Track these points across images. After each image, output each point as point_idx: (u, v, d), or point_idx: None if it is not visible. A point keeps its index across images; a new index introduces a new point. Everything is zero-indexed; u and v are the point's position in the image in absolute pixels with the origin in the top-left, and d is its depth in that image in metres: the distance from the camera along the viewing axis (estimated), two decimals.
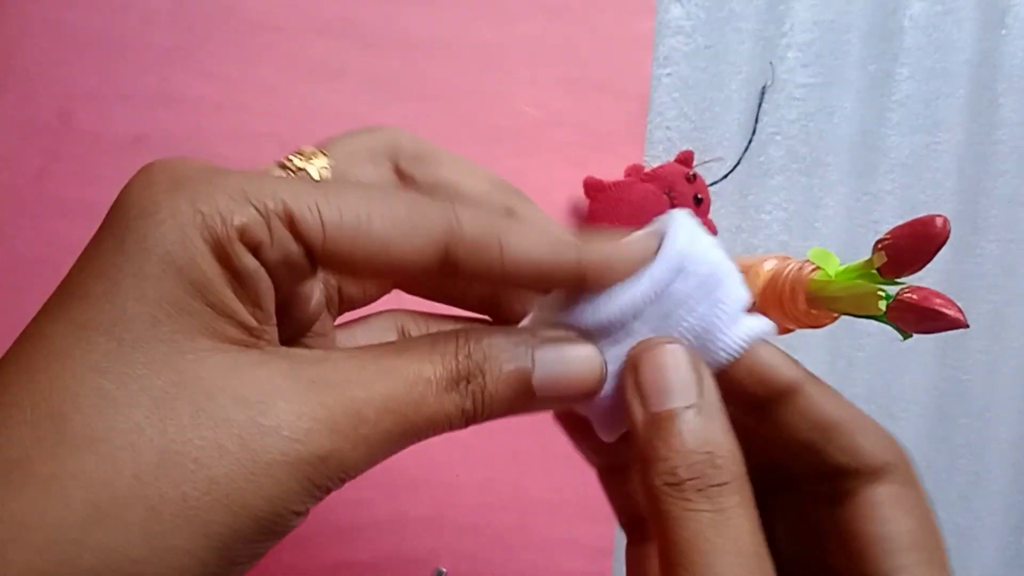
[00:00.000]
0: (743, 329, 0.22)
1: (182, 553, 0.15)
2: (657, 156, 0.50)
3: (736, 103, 0.52)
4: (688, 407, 0.19)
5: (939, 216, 0.34)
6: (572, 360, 0.20)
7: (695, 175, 0.49)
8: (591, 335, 0.21)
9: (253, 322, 0.18)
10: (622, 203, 0.46)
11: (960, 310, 0.34)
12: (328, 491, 0.17)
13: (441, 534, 0.45)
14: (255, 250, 0.17)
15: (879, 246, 0.36)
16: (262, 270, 0.18)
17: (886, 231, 0.36)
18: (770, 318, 0.45)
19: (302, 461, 0.16)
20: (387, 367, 0.18)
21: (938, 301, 0.34)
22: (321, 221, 0.18)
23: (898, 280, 0.36)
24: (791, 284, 0.41)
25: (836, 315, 0.40)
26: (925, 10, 0.58)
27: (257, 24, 0.42)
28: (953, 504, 0.61)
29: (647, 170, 0.48)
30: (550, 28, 0.47)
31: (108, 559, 0.15)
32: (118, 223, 0.17)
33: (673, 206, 0.48)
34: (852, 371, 0.57)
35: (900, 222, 0.35)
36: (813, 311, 0.40)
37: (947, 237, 0.33)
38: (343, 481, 0.18)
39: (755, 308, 0.43)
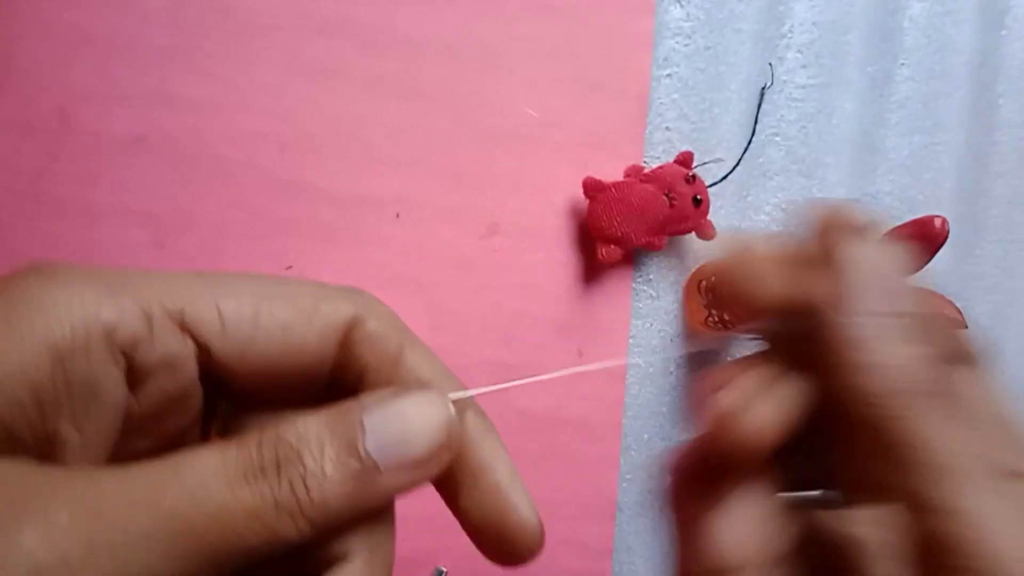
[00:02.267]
0: None
1: None
2: (656, 157, 0.50)
3: (736, 104, 0.52)
4: None
5: (938, 217, 0.34)
6: (412, 414, 0.16)
7: (694, 176, 0.49)
8: None
9: (63, 438, 0.15)
10: (621, 204, 0.46)
11: (959, 311, 0.34)
12: None
13: (441, 534, 0.45)
14: (128, 351, 0.15)
15: None
16: (117, 383, 0.15)
17: (885, 232, 0.36)
18: None
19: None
20: (156, 466, 0.15)
21: (936, 302, 0.34)
22: (219, 311, 0.16)
23: None
24: None
25: None
26: (925, 11, 0.58)
27: (256, 24, 0.42)
28: None
29: (647, 171, 0.48)
30: (549, 28, 0.47)
31: None
32: None
33: (672, 207, 0.48)
34: None
35: (899, 223, 0.35)
36: None
37: (946, 238, 0.33)
38: None
39: None
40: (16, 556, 0.13)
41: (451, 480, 0.19)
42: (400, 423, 0.16)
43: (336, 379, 0.18)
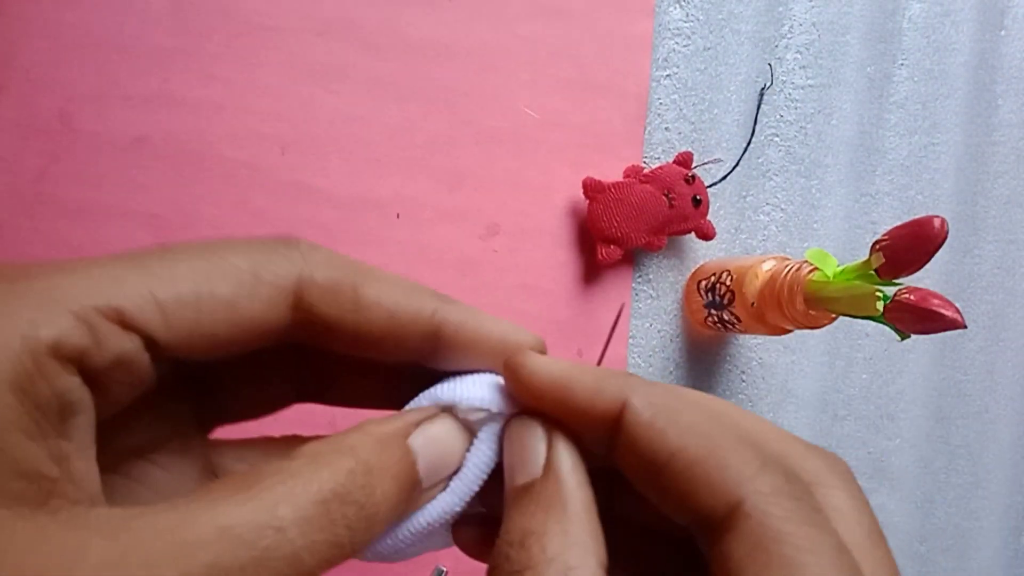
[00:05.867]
0: None
1: None
2: (656, 157, 0.50)
3: (735, 105, 0.52)
4: (528, 482, 0.17)
5: (937, 217, 0.34)
6: (445, 438, 0.18)
7: (694, 176, 0.49)
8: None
9: (52, 471, 0.15)
10: (621, 204, 0.47)
11: (958, 311, 0.34)
12: None
13: None
14: (79, 362, 0.15)
15: (877, 247, 0.36)
16: (81, 390, 0.15)
17: (884, 232, 0.36)
18: (768, 318, 0.45)
19: None
20: (219, 522, 0.14)
21: (936, 302, 0.34)
22: (156, 301, 0.16)
23: (896, 281, 0.36)
24: (789, 285, 0.41)
25: (834, 316, 0.40)
26: (924, 12, 0.58)
27: (257, 25, 0.42)
28: (952, 504, 0.61)
29: (646, 171, 0.48)
30: (550, 30, 0.47)
31: None
32: None
33: (672, 207, 0.48)
34: (850, 372, 0.57)
35: (898, 223, 0.35)
36: (811, 312, 0.41)
37: (945, 238, 0.33)
38: None
39: (753, 309, 0.43)
40: None
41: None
42: (438, 445, 0.18)
43: (300, 333, 0.18)
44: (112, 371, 0.15)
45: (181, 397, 0.20)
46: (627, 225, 0.47)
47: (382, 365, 0.20)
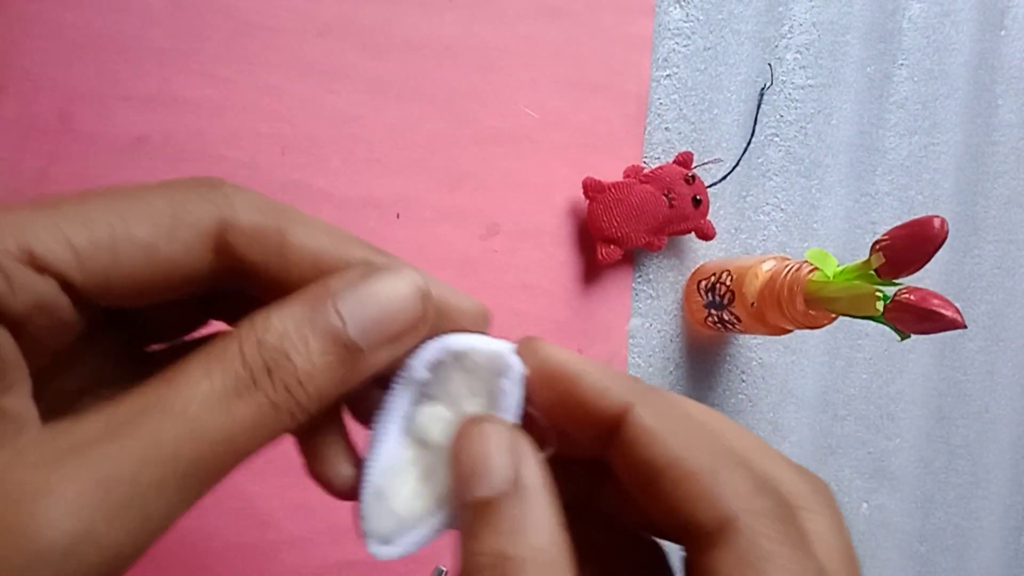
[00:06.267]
0: None
1: None
2: (656, 157, 0.50)
3: (735, 105, 0.52)
4: (494, 497, 0.16)
5: (937, 217, 0.34)
6: (384, 294, 0.17)
7: (694, 176, 0.49)
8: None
9: None
10: (621, 204, 0.47)
11: (958, 311, 0.34)
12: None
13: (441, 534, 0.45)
14: None
15: (877, 247, 0.36)
16: (1, 334, 0.15)
17: (884, 232, 0.36)
18: (768, 318, 0.45)
19: (37, 563, 0.13)
20: (145, 406, 0.15)
21: (936, 302, 0.34)
22: (70, 244, 0.15)
23: (896, 281, 0.36)
24: (789, 285, 0.41)
25: (834, 316, 0.40)
26: (924, 12, 0.58)
27: (257, 25, 0.42)
28: (952, 504, 0.61)
29: (646, 171, 0.48)
30: (550, 30, 0.47)
31: None
32: None
33: (672, 207, 0.48)
34: (850, 372, 0.57)
35: (898, 223, 0.35)
36: (811, 312, 0.41)
37: (945, 238, 0.33)
38: (125, 559, 0.14)
39: (753, 309, 0.43)
40: (41, 542, 0.13)
41: None
42: (376, 305, 0.17)
43: (223, 278, 0.18)
44: (34, 316, 0.15)
45: (118, 335, 0.19)
46: (627, 225, 0.47)
47: None
